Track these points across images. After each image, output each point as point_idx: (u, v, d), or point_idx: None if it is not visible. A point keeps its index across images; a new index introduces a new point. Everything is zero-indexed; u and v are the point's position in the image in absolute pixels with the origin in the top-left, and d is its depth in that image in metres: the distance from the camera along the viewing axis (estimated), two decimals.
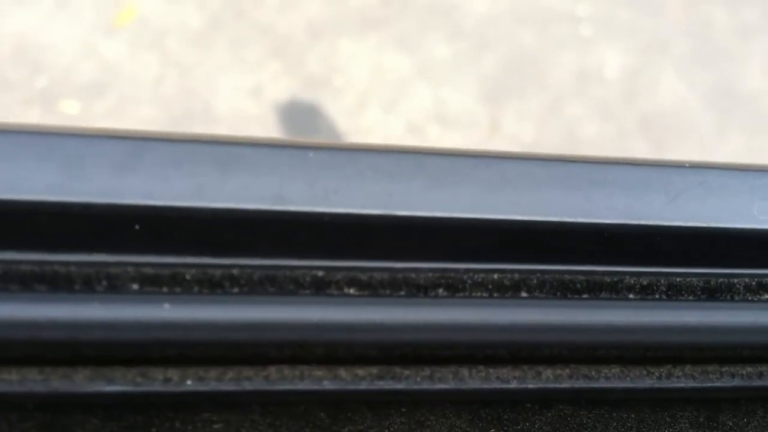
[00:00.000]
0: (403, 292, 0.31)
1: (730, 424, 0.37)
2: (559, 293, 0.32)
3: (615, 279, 0.32)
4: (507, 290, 0.31)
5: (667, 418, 0.36)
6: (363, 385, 0.30)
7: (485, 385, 0.31)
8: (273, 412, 0.32)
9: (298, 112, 2.27)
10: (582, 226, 0.32)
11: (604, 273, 0.32)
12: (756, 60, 2.53)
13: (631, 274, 0.33)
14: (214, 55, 2.27)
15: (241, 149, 0.30)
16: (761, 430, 0.37)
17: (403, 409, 0.33)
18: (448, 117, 2.31)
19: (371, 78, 2.33)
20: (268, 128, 2.20)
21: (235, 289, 0.29)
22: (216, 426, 0.32)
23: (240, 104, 2.22)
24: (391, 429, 0.33)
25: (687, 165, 0.35)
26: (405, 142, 2.22)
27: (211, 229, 0.29)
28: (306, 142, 0.32)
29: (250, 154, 0.30)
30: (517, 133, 2.32)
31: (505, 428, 0.35)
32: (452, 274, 0.31)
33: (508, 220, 0.32)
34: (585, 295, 0.32)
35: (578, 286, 0.32)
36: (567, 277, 0.32)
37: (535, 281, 0.32)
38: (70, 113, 2.12)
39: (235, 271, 0.29)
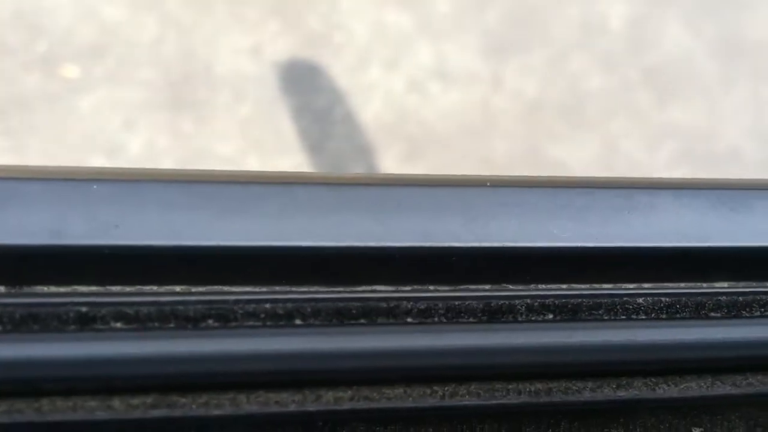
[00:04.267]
0: (172, 325, 0.31)
1: None
2: (335, 320, 0.33)
3: (392, 305, 0.33)
4: (280, 318, 0.32)
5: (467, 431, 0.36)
6: (137, 415, 0.31)
7: (263, 410, 0.32)
8: None
9: (299, 71, 2.26)
10: (370, 250, 0.33)
11: (380, 299, 0.33)
12: (762, 8, 2.47)
13: (409, 299, 0.33)
14: (214, 14, 2.27)
15: (18, 183, 0.31)
16: None
17: None
18: (450, 73, 2.29)
19: (372, 35, 2.31)
20: (269, 88, 2.20)
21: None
22: None
23: (240, 64, 2.22)
24: None
25: (488, 184, 0.35)
26: (405, 100, 2.22)
27: None
28: (90, 171, 0.33)
29: (28, 187, 0.31)
30: (520, 87, 2.30)
31: None
32: (222, 305, 0.32)
33: (290, 247, 0.32)
34: (362, 321, 0.33)
35: (354, 312, 0.33)
36: (341, 304, 0.33)
37: (309, 309, 0.32)
38: (70, 77, 2.13)
39: None
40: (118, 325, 0.31)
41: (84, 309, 0.31)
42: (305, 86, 2.25)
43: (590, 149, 2.24)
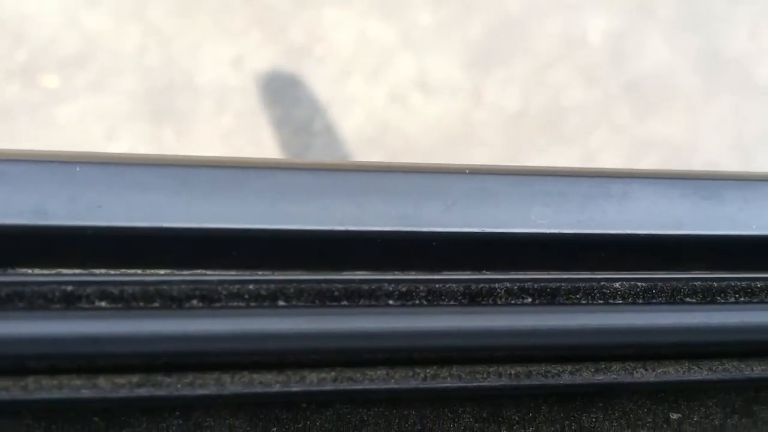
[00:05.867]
0: (156, 304, 0.32)
1: (516, 418, 0.38)
2: (317, 301, 0.33)
3: (373, 287, 0.33)
4: (264, 299, 0.33)
5: (449, 414, 0.37)
6: (122, 393, 0.31)
7: (247, 390, 0.32)
8: (45, 418, 0.33)
9: (280, 83, 2.27)
10: (352, 234, 0.33)
11: (361, 281, 0.33)
12: (742, 22, 2.50)
13: (390, 281, 0.34)
14: (196, 25, 2.27)
15: (1, 165, 0.31)
16: (548, 424, 0.39)
17: (177, 413, 0.35)
18: (431, 85, 2.31)
19: (354, 47, 2.32)
20: (250, 99, 2.20)
21: None
22: None
23: (222, 75, 2.22)
24: (170, 431, 0.35)
25: (467, 171, 0.36)
26: (387, 112, 2.23)
27: None
28: (73, 154, 0.33)
29: (11, 168, 0.31)
30: (501, 100, 2.32)
31: (286, 427, 0.36)
32: (206, 286, 0.32)
33: (272, 230, 0.33)
34: (344, 302, 0.33)
35: (336, 294, 0.33)
36: (324, 285, 0.33)
37: (292, 290, 0.33)
38: (49, 87, 2.13)
39: None
40: (103, 304, 0.31)
41: (69, 288, 0.31)
42: (286, 97, 2.25)
43: (570, 162, 2.26)
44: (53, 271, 0.32)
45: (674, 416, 0.39)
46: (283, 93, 2.26)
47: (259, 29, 2.30)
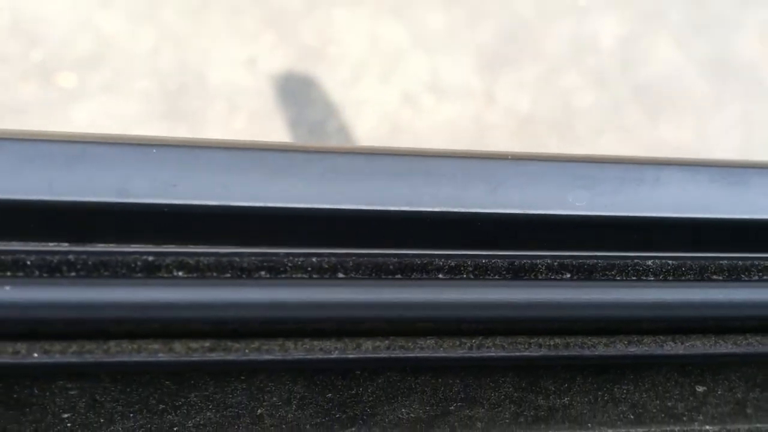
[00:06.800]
0: (228, 274, 0.34)
1: (552, 388, 0.41)
2: (373, 274, 0.36)
3: (425, 261, 0.36)
4: (325, 272, 0.35)
5: (491, 383, 0.40)
6: (195, 357, 0.34)
7: (309, 356, 0.35)
8: (121, 380, 0.36)
9: (293, 84, 2.29)
10: (406, 213, 0.36)
11: (414, 256, 0.36)
12: (751, 28, 2.52)
13: (440, 256, 0.36)
14: (209, 26, 2.30)
15: (85, 146, 0.34)
16: (582, 394, 0.41)
17: (242, 377, 0.37)
18: (443, 87, 2.33)
19: (366, 48, 2.35)
20: (263, 100, 2.23)
21: (72, 273, 0.33)
22: (72, 392, 0.36)
23: (235, 76, 2.25)
24: (234, 394, 0.38)
25: (510, 157, 0.38)
26: (399, 113, 2.25)
27: (55, 218, 0.33)
28: (149, 138, 0.36)
29: (94, 150, 0.34)
30: (512, 103, 2.34)
31: (340, 393, 0.39)
32: (274, 258, 0.35)
33: (333, 209, 0.35)
34: (398, 276, 0.36)
35: (391, 267, 0.36)
36: (380, 260, 0.36)
37: (351, 264, 0.35)
38: (67, 86, 2.15)
39: (71, 257, 0.33)
40: (180, 273, 0.34)
41: (150, 258, 0.34)
42: (299, 98, 2.28)
43: None
44: (132, 246, 0.34)
45: (700, 389, 0.42)
46: (296, 94, 2.28)
47: (271, 31, 2.32)
